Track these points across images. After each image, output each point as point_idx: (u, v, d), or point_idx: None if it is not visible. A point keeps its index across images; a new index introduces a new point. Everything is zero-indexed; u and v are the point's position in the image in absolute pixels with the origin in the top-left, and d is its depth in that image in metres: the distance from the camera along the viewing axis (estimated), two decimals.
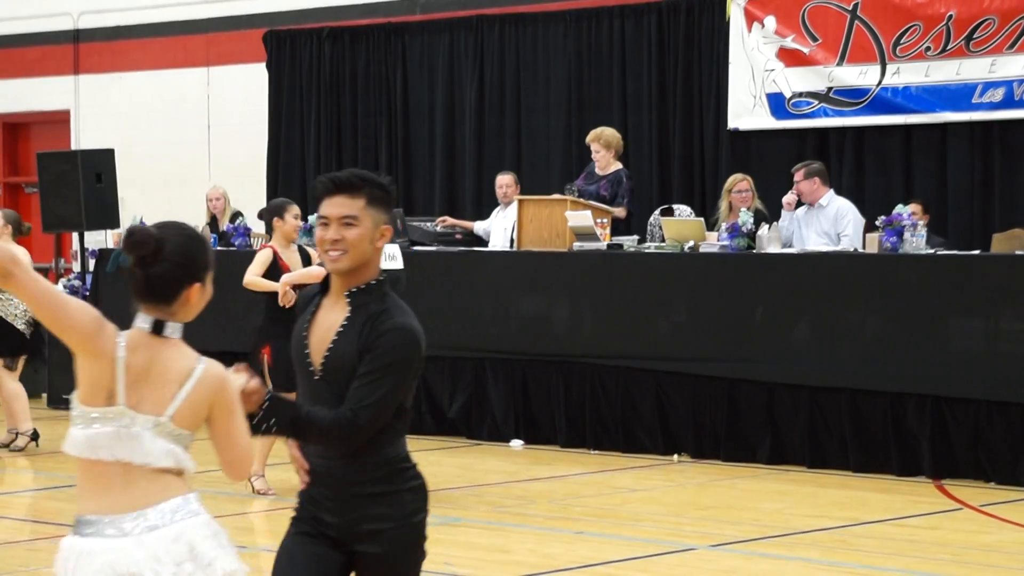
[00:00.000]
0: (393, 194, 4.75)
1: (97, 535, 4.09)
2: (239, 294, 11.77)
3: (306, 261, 11.30)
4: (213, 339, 14.21)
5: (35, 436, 13.30)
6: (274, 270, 11.09)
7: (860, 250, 12.65)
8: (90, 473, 4.15)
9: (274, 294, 11.05)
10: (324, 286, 4.73)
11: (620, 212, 13.97)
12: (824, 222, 13.22)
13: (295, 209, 11.42)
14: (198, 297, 4.23)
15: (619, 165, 14.38)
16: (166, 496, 4.09)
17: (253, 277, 11.15)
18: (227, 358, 14.12)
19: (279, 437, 4.61)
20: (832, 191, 13.44)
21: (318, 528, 4.65)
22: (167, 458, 4.09)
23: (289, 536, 4.73)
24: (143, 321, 4.20)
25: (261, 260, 11.16)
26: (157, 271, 4.18)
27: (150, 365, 4.14)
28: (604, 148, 14.31)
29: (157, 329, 4.18)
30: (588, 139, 14.51)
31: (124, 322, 4.38)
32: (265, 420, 4.46)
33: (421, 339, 4.61)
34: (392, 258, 11.41)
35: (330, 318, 4.65)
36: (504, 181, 15.12)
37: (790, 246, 13.10)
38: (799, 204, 13.44)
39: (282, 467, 11.82)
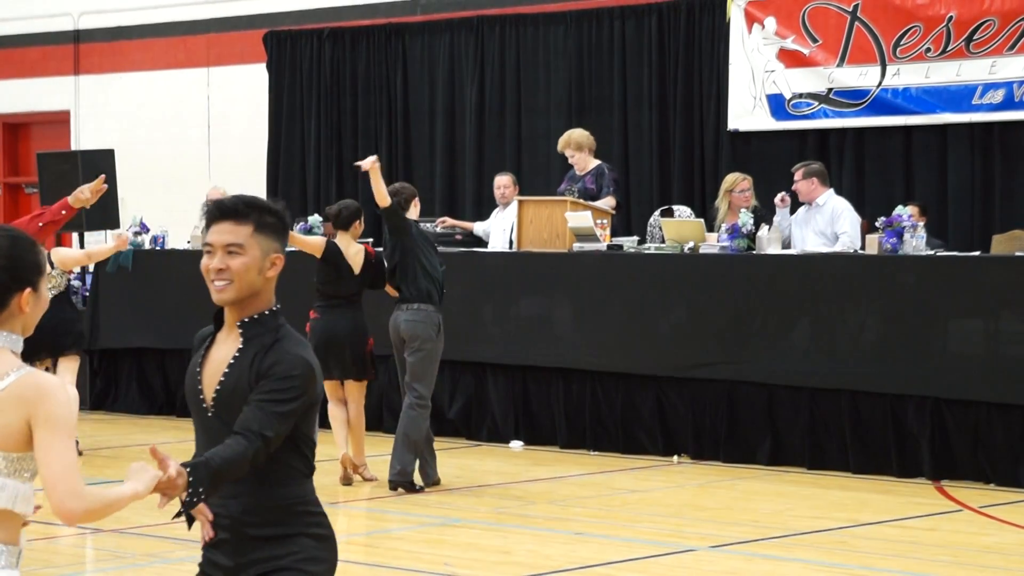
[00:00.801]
0: (287, 220, 4.49)
1: None
2: None
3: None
4: None
5: None
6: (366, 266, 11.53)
7: (860, 251, 12.65)
8: None
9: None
10: (218, 320, 4.48)
11: (610, 202, 14.01)
12: (821, 221, 13.21)
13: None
14: (31, 304, 3.86)
15: (597, 161, 14.42)
16: None
17: None
18: None
19: (210, 498, 4.26)
20: (831, 191, 13.43)
21: (216, 573, 4.41)
22: None
23: None
24: None
25: None
26: None
27: None
28: (577, 151, 14.37)
29: None
30: (560, 147, 14.55)
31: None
32: (194, 494, 4.15)
33: (316, 371, 4.37)
34: None
35: (222, 351, 4.41)
36: (502, 182, 15.12)
37: (788, 245, 13.09)
38: (797, 204, 13.44)
39: None
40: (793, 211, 13.58)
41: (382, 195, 11.40)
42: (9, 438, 3.72)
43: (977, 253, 12.49)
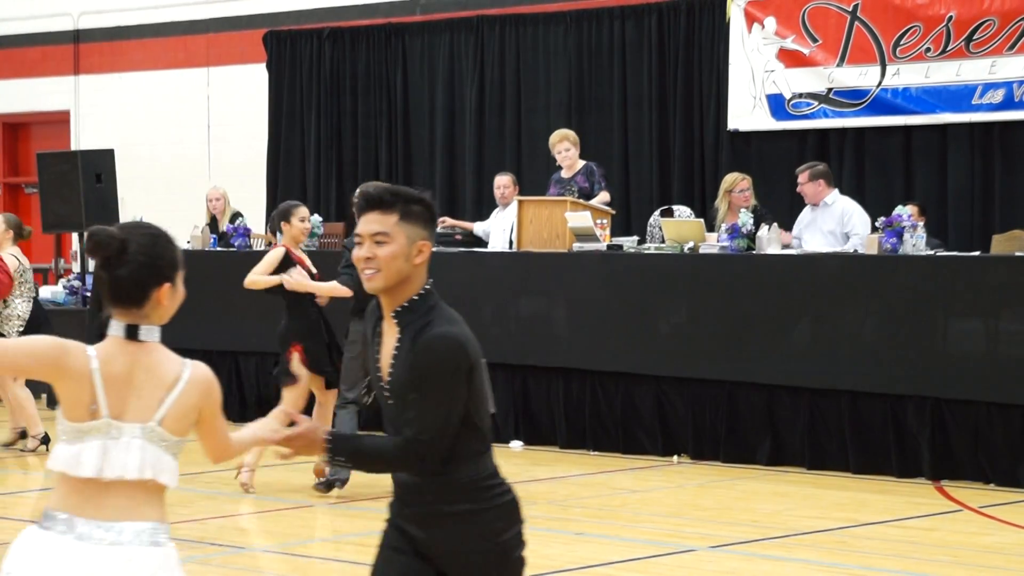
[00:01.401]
0: (434, 209, 4.61)
1: (61, 533, 3.97)
2: (240, 294, 11.78)
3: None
4: (213, 339, 14.15)
5: (46, 440, 13.30)
6: (288, 266, 11.17)
7: (860, 251, 12.64)
8: (69, 478, 4.02)
9: (295, 295, 11.14)
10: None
11: (604, 198, 14.04)
12: (830, 221, 13.20)
13: (302, 212, 11.50)
14: (169, 298, 4.07)
15: (582, 160, 14.45)
16: (137, 516, 4.01)
17: (256, 276, 11.17)
18: (228, 357, 14.07)
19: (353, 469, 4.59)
20: (836, 191, 13.43)
21: (406, 542, 4.55)
22: (149, 470, 4.01)
23: (379, 551, 4.64)
24: (116, 328, 4.05)
25: (271, 259, 11.21)
26: (123, 273, 4.01)
27: (131, 372, 4.02)
28: (574, 146, 14.39)
29: (131, 334, 4.03)
30: (555, 140, 14.48)
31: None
32: (333, 461, 4.44)
33: (463, 344, 4.50)
34: None
35: (388, 341, 4.54)
36: (502, 182, 15.12)
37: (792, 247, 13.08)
38: (800, 206, 13.44)
39: (278, 468, 11.82)
40: (796, 213, 13.58)
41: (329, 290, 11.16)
42: (182, 421, 4.06)
43: (977, 253, 12.49)
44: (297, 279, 11.01)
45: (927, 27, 14.71)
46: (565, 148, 14.40)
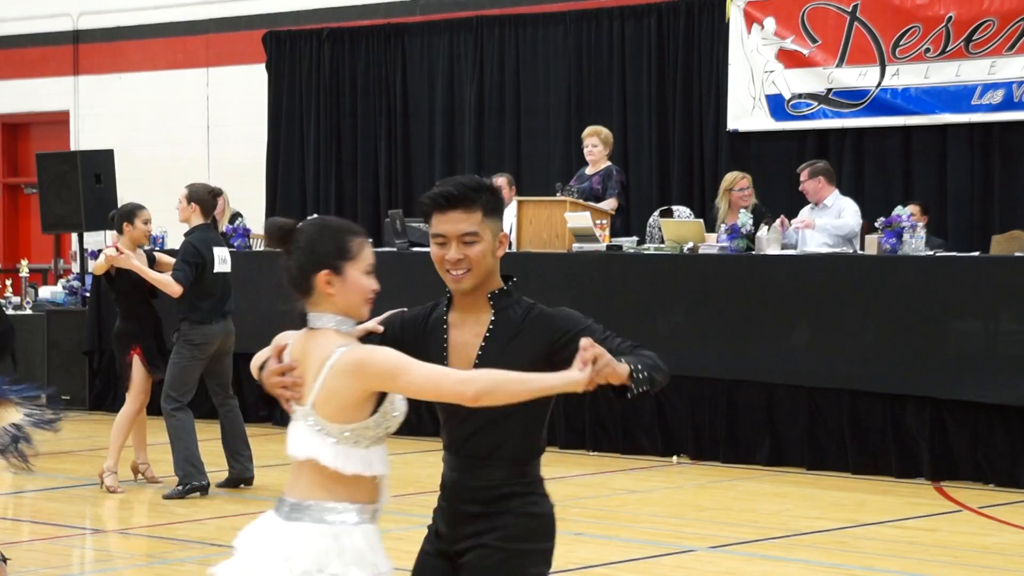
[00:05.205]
0: (502, 196, 4.55)
1: (276, 511, 4.25)
2: (240, 295, 11.80)
3: (150, 264, 11.58)
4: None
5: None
6: (119, 272, 11.37)
7: (860, 251, 12.65)
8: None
9: (128, 299, 11.46)
10: (434, 306, 4.52)
11: (611, 203, 14.02)
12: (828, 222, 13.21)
13: (145, 214, 11.72)
14: (332, 285, 4.16)
15: (608, 162, 14.43)
16: (317, 496, 4.15)
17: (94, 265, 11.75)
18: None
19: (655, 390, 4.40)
20: (837, 191, 13.44)
21: (436, 544, 4.52)
22: (307, 450, 4.14)
23: (419, 556, 4.60)
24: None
25: (100, 260, 11.51)
26: (290, 263, 4.21)
27: (303, 357, 4.18)
28: (603, 144, 14.37)
29: (304, 321, 4.22)
30: (586, 133, 14.51)
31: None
32: (647, 380, 4.31)
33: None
34: (224, 261, 11.50)
35: (466, 333, 4.41)
36: (498, 183, 15.10)
37: (792, 248, 13.08)
38: (800, 206, 13.44)
39: (276, 469, 11.82)
40: (795, 213, 13.58)
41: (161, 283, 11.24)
42: (334, 405, 4.11)
43: (977, 253, 12.49)
44: (120, 257, 11.11)
45: (927, 27, 14.71)
46: (593, 144, 14.39)
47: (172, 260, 11.63)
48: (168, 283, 11.11)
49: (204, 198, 11.43)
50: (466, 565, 4.44)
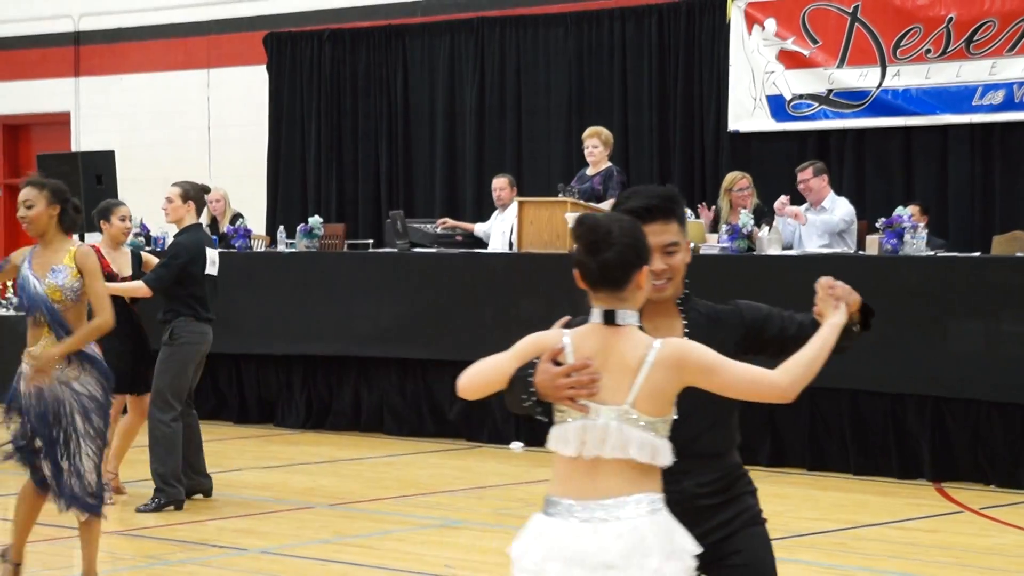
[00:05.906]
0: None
1: (564, 518, 4.20)
2: (240, 296, 11.79)
3: (137, 263, 11.22)
4: (214, 341, 14.13)
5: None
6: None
7: (860, 251, 12.65)
8: (563, 460, 4.23)
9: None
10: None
11: (611, 204, 14.00)
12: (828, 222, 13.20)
13: (123, 211, 11.32)
14: (647, 281, 4.21)
15: (609, 163, 14.44)
16: (627, 490, 4.13)
17: None
18: (228, 360, 13.98)
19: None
20: (833, 193, 13.43)
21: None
22: (635, 449, 4.13)
23: None
24: (595, 315, 4.21)
25: None
26: (610, 256, 4.15)
27: (606, 356, 4.17)
28: (603, 145, 14.37)
29: (609, 319, 4.18)
30: (586, 135, 14.52)
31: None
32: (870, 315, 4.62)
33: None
34: (213, 264, 11.11)
35: (662, 332, 4.42)
36: (499, 184, 15.13)
37: (790, 248, 13.09)
38: (798, 204, 13.44)
39: (276, 470, 11.83)
40: None
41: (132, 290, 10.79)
42: (656, 401, 4.15)
43: (977, 254, 12.49)
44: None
45: (927, 28, 14.72)
46: (593, 144, 14.40)
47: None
48: (135, 288, 10.66)
49: (200, 197, 11.23)
50: (740, 552, 4.58)
